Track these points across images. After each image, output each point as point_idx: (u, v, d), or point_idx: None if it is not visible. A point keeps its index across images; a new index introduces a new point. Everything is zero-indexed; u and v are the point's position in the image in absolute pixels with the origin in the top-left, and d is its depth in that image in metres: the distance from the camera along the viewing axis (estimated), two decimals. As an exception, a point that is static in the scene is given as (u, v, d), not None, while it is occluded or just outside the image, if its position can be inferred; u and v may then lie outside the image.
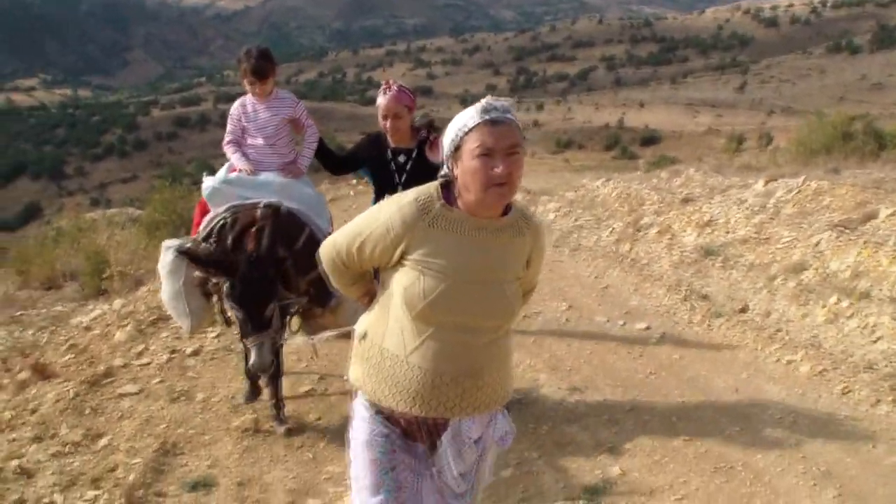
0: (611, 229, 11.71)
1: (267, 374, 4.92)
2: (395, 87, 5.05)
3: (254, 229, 4.77)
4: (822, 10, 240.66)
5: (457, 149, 2.54)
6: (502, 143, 2.47)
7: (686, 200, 12.95)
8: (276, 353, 4.79)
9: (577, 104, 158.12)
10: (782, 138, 37.82)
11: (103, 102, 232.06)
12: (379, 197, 5.08)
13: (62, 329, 8.45)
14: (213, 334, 7.05)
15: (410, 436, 2.73)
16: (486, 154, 2.46)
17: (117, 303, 8.92)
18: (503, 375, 2.76)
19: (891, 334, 6.68)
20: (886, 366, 6.07)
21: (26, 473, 4.55)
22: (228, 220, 4.97)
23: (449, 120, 2.62)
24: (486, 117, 2.49)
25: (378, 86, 5.32)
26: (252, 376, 5.42)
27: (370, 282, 2.95)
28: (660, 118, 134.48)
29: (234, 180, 5.27)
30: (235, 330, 5.11)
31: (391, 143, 5.17)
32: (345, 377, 2.89)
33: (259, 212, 4.90)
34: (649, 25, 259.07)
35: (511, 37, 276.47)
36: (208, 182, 5.30)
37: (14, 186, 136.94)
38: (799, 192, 12.00)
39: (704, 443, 4.80)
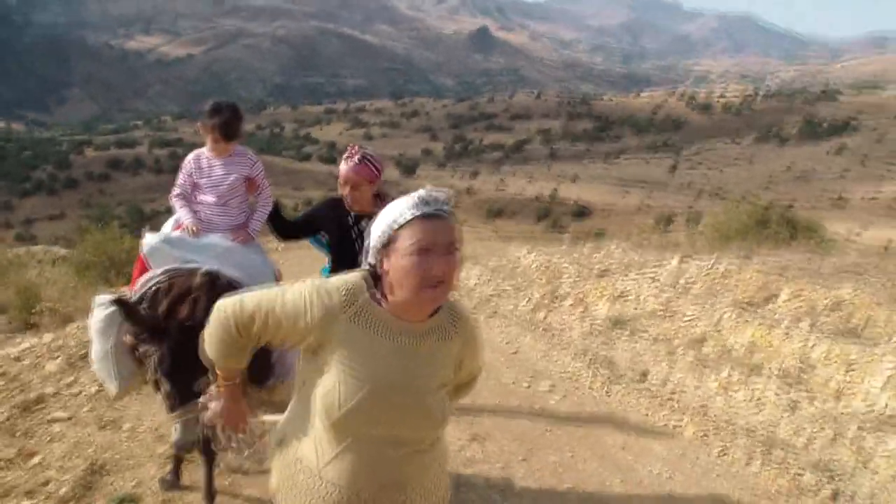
0: (528, 298, 12.24)
1: (189, 453, 4.68)
2: (355, 158, 4.69)
3: (189, 298, 4.39)
4: (752, 101, 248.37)
5: (387, 244, 2.35)
6: (440, 240, 2.29)
7: (601, 274, 13.60)
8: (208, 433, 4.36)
9: (511, 175, 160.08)
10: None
11: (36, 138, 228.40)
12: (336, 266, 4.83)
13: (-9, 359, 8.65)
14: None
15: None
16: (422, 252, 2.27)
17: (47, 336, 9.14)
18: (434, 485, 2.56)
19: (773, 406, 7.31)
20: (763, 432, 6.68)
21: (-38, 484, 4.88)
22: (163, 285, 4.58)
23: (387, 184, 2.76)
24: (423, 211, 2.31)
25: (316, 143, 5.17)
26: (177, 455, 5.08)
27: (241, 368, 2.70)
28: (592, 193, 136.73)
29: (175, 241, 4.96)
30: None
31: (352, 209, 4.82)
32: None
33: (197, 279, 4.50)
34: (587, 103, 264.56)
35: (450, 104, 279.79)
36: (149, 239, 4.97)
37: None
38: (708, 273, 12.73)
39: (586, 490, 5.32)
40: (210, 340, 2.56)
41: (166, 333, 4.21)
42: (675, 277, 12.76)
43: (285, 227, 5.28)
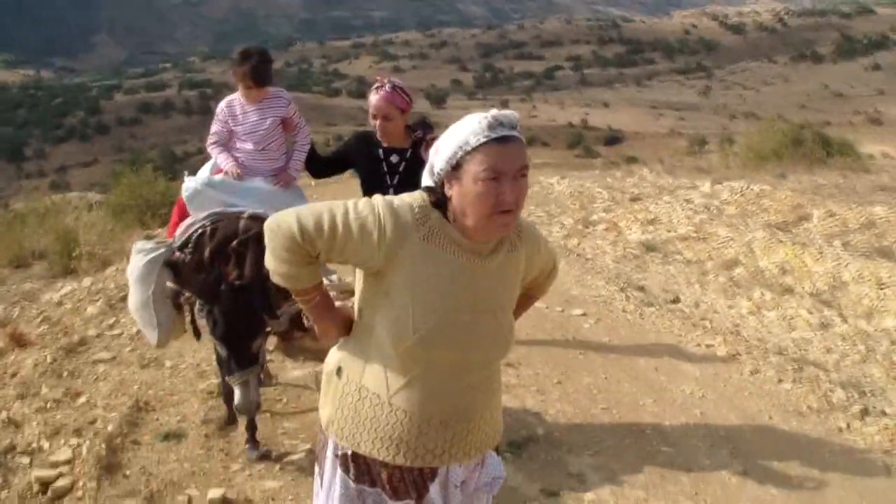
0: (561, 225, 12.28)
1: (253, 416, 4.54)
2: (387, 87, 4.55)
3: (235, 244, 4.35)
4: (787, 19, 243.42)
5: (454, 167, 2.21)
6: (512, 166, 2.17)
7: (635, 199, 13.60)
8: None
9: (542, 102, 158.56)
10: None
11: (66, 84, 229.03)
12: None
13: (33, 304, 8.85)
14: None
15: (394, 492, 2.39)
16: (494, 178, 2.15)
17: (87, 281, 9.32)
18: (495, 414, 2.50)
19: (805, 325, 7.35)
20: (795, 351, 6.73)
21: (14, 424, 5.06)
22: (208, 228, 4.50)
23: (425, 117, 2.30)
24: (494, 135, 2.17)
25: (345, 78, 5.00)
26: (250, 422, 4.82)
27: (319, 275, 2.45)
28: (623, 119, 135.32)
29: (218, 184, 4.86)
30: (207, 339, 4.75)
31: (382, 142, 4.68)
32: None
33: (242, 223, 4.46)
34: (617, 27, 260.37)
35: (479, 33, 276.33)
36: (190, 183, 4.89)
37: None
38: (742, 194, 12.70)
39: (619, 410, 5.41)
40: (275, 257, 2.32)
41: (218, 297, 4.20)
42: (709, 200, 12.75)
43: (318, 165, 5.20)
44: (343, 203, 2.29)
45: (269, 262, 2.35)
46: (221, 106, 5.06)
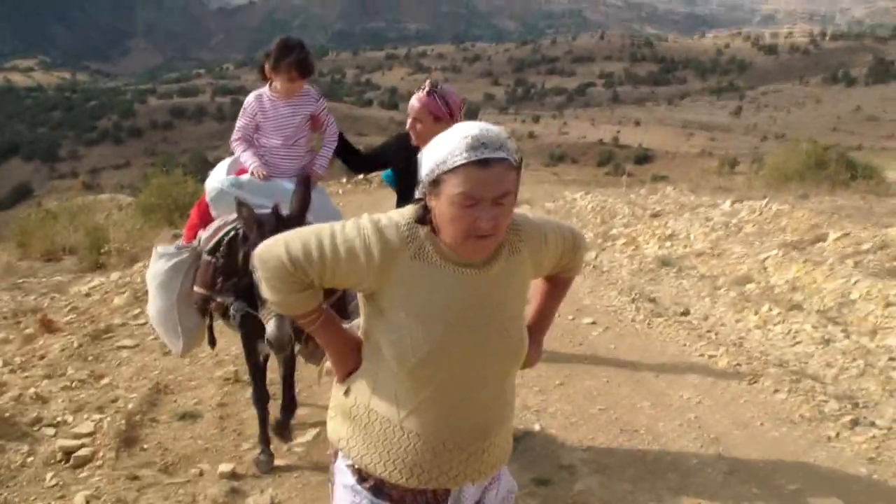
0: (581, 239, 12.48)
1: (284, 352, 4.13)
2: (425, 90, 4.55)
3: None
4: (820, 41, 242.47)
5: (434, 182, 2.08)
6: (490, 192, 2.03)
7: (655, 215, 13.81)
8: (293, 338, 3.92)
9: (574, 119, 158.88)
10: (772, 164, 38.66)
11: (101, 88, 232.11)
12: (401, 201, 4.66)
13: (63, 296, 9.19)
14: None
15: None
16: (468, 204, 2.03)
17: (114, 275, 9.66)
18: (508, 429, 2.42)
19: (808, 339, 7.50)
20: (795, 364, 6.89)
21: (41, 399, 5.41)
22: (241, 231, 4.19)
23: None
24: (474, 157, 2.01)
25: (377, 88, 4.87)
26: (263, 432, 4.66)
27: (320, 297, 2.32)
28: (655, 137, 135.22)
29: (245, 184, 4.65)
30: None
31: (415, 143, 4.58)
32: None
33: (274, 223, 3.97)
34: (650, 45, 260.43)
35: (512, 48, 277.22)
36: (214, 183, 4.75)
37: (6, 166, 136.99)
38: (760, 213, 12.86)
39: (616, 412, 5.61)
40: (270, 286, 2.22)
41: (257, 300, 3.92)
42: (728, 218, 12.93)
43: (356, 160, 5.19)
44: (331, 226, 2.21)
45: (264, 291, 2.27)
46: (250, 99, 4.91)
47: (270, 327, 3.74)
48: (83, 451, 4.59)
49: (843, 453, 5.10)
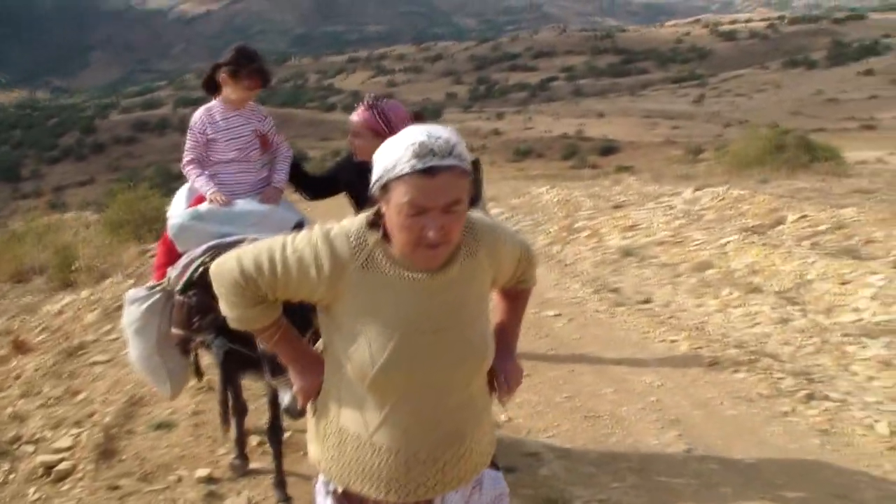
0: (546, 232, 12.71)
1: (301, 418, 3.61)
2: (364, 105, 4.48)
3: None
4: (779, 26, 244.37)
5: (384, 188, 2.05)
6: (438, 202, 1.98)
7: (617, 206, 14.04)
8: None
9: (538, 114, 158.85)
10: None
11: (61, 104, 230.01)
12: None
13: (33, 317, 9.28)
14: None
15: None
16: (416, 213, 1.99)
17: (85, 292, 9.74)
18: (487, 432, 2.39)
19: (767, 320, 7.73)
20: (754, 345, 7.11)
21: (19, 418, 5.56)
22: (209, 264, 3.62)
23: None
24: (420, 166, 1.96)
25: (340, 93, 4.62)
26: (239, 438, 4.75)
27: (278, 311, 2.30)
28: (618, 129, 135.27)
29: (205, 214, 4.47)
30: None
31: (357, 158, 4.53)
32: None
33: None
34: (610, 37, 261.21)
35: (472, 46, 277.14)
36: (175, 219, 4.55)
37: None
38: (722, 199, 13.13)
39: (580, 399, 5.82)
40: (227, 301, 2.25)
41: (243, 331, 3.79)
42: (689, 206, 13.19)
43: (309, 182, 5.06)
44: (283, 238, 2.20)
45: (222, 307, 2.28)
46: (198, 114, 4.76)
47: (288, 398, 3.44)
48: (63, 465, 4.76)
49: (798, 426, 5.31)
